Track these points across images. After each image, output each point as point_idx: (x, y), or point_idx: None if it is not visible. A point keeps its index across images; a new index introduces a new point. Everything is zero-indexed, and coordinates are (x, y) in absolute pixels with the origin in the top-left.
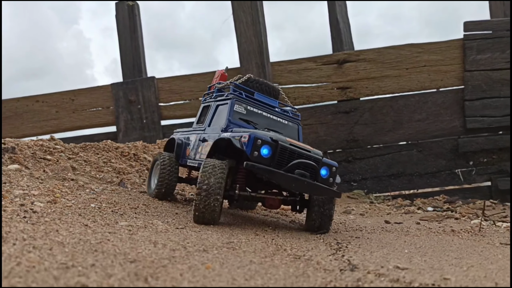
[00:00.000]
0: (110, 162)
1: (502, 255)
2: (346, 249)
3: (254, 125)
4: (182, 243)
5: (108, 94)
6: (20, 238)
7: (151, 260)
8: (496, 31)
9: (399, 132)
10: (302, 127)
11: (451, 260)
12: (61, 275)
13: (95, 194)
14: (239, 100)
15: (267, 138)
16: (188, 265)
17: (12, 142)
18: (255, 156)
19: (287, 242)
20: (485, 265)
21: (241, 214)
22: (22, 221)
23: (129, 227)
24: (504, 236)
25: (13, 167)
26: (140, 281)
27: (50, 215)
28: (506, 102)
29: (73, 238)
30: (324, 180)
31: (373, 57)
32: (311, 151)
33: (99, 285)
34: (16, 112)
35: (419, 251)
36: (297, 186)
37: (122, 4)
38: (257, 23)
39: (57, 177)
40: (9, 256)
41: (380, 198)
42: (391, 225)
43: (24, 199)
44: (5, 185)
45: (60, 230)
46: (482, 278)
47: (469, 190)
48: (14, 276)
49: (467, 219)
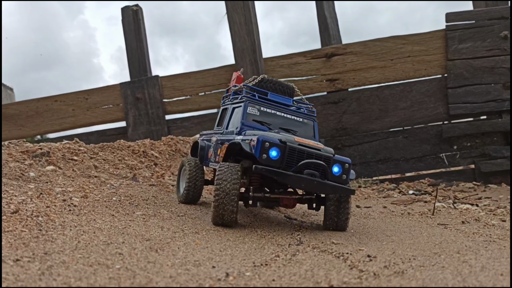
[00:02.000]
0: (124, 159)
1: (427, 233)
2: (303, 230)
3: (268, 126)
4: (181, 227)
5: (118, 93)
6: (73, 226)
7: (160, 239)
8: (478, 21)
9: (386, 120)
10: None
11: (382, 237)
12: (106, 248)
13: (115, 188)
14: (252, 102)
15: (276, 140)
16: (184, 242)
17: (46, 147)
18: (264, 159)
19: (260, 226)
20: (404, 240)
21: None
22: (69, 213)
23: (143, 216)
24: (452, 218)
25: (50, 168)
26: (152, 251)
27: (86, 208)
28: (488, 88)
29: (107, 225)
30: (336, 177)
31: (359, 50)
32: (321, 149)
33: (129, 254)
34: (37, 111)
35: (362, 231)
36: (307, 186)
37: (127, 10)
38: (249, 23)
39: (84, 175)
40: (71, 238)
41: (368, 182)
42: (359, 209)
43: (64, 195)
44: (46, 184)
45: (96, 219)
46: (389, 250)
47: (454, 173)
48: (78, 249)
49: (435, 202)
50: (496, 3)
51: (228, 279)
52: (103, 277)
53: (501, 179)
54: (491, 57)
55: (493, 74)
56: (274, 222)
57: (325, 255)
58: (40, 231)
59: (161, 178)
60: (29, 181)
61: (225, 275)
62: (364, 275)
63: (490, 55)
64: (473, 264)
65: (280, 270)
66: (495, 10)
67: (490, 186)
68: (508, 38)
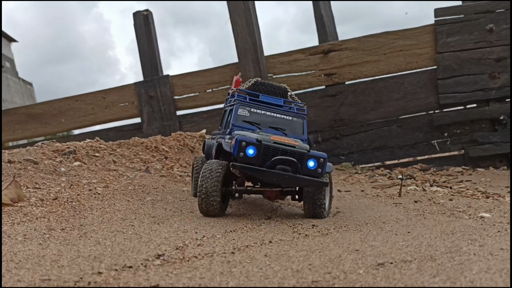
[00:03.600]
0: (138, 154)
1: (376, 210)
2: (278, 211)
3: (257, 126)
4: (180, 208)
5: (133, 92)
6: (98, 208)
7: (162, 216)
8: (465, 15)
9: (380, 111)
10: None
11: (337, 214)
12: (122, 222)
13: (130, 179)
14: (243, 104)
15: (252, 140)
16: (180, 218)
17: (72, 146)
18: (241, 157)
19: (246, 209)
20: (353, 215)
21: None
22: (95, 199)
23: (152, 200)
24: (413, 198)
25: (76, 164)
26: (155, 224)
27: (107, 195)
28: (475, 79)
29: (123, 207)
30: (312, 171)
31: (354, 46)
32: (296, 146)
33: (138, 225)
34: (60, 110)
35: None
36: (278, 180)
37: (139, 14)
38: (250, 24)
39: (104, 169)
40: (97, 216)
41: (365, 168)
42: (339, 193)
43: (89, 185)
44: (75, 177)
45: (116, 204)
46: (333, 222)
47: (444, 159)
48: (103, 223)
49: (401, 185)
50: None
51: (203, 239)
52: (120, 238)
53: (489, 163)
54: (478, 49)
55: (480, 65)
56: (260, 206)
57: (281, 225)
58: (75, 212)
59: (170, 170)
60: (61, 175)
61: (201, 237)
62: (298, 236)
63: (477, 47)
64: (387, 229)
65: (243, 234)
66: (481, 4)
67: (478, 170)
68: (494, 30)
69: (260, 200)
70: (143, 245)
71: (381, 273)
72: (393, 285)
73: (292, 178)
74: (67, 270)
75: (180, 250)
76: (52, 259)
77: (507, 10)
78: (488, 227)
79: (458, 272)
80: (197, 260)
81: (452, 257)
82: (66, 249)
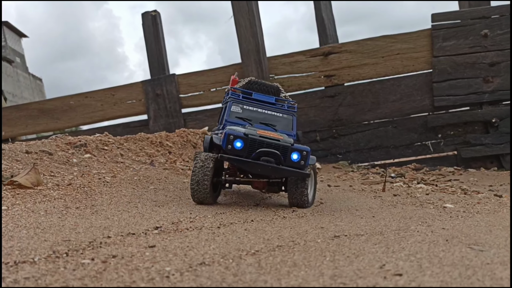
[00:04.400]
0: (144, 149)
1: (356, 201)
2: (267, 199)
3: (249, 122)
4: (179, 196)
5: (140, 90)
6: (107, 193)
7: (162, 201)
8: (461, 20)
9: (377, 112)
10: (297, 117)
11: (320, 203)
12: (127, 205)
13: (136, 171)
14: (236, 102)
15: (240, 133)
16: (178, 203)
17: (83, 139)
18: (230, 149)
19: (239, 198)
20: (332, 204)
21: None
22: (104, 186)
23: (155, 189)
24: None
25: (87, 156)
26: (156, 207)
27: (115, 183)
28: (469, 82)
29: (129, 193)
30: (296, 163)
31: (354, 49)
32: (280, 140)
33: (141, 207)
34: (71, 107)
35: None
36: (262, 171)
37: (147, 15)
38: (254, 26)
39: (112, 161)
40: (106, 199)
41: (361, 167)
42: (329, 187)
43: (99, 175)
44: (86, 167)
45: (122, 190)
46: (312, 209)
47: (438, 159)
48: (111, 204)
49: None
50: (479, 3)
51: (196, 218)
52: (125, 216)
53: (480, 164)
54: (473, 53)
55: (474, 69)
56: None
57: (266, 210)
58: (86, 195)
59: (173, 164)
60: (73, 165)
61: (194, 216)
62: (278, 217)
63: (471, 51)
64: (356, 215)
65: (230, 215)
66: (477, 10)
67: (469, 171)
68: (488, 36)
69: (253, 192)
70: (145, 220)
71: (334, 242)
72: (341, 249)
73: (275, 168)
74: (82, 235)
75: (175, 225)
76: (70, 227)
77: (502, 16)
78: (445, 214)
79: (396, 243)
80: (188, 231)
81: (398, 233)
82: (81, 222)
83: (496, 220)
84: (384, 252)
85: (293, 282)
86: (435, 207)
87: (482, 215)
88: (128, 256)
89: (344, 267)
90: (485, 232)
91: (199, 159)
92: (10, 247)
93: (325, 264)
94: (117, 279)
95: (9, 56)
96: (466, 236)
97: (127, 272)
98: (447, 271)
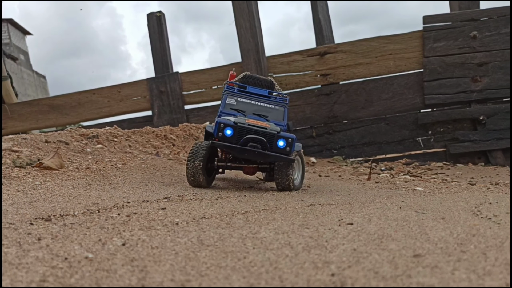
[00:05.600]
0: (150, 141)
1: (340, 187)
2: (260, 184)
3: (242, 112)
4: (183, 180)
5: (145, 87)
6: (120, 176)
7: (169, 182)
8: (451, 22)
9: (370, 109)
10: (288, 109)
11: (306, 188)
12: (139, 184)
13: (143, 160)
14: (231, 94)
15: (230, 122)
16: (183, 184)
17: (95, 131)
18: (221, 136)
19: (235, 181)
20: (317, 190)
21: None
22: (117, 171)
23: (161, 174)
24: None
25: (99, 146)
26: (164, 186)
27: (126, 169)
28: (458, 81)
29: (139, 176)
30: (282, 150)
31: (348, 49)
32: (267, 128)
33: (151, 185)
34: (79, 102)
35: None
36: (249, 155)
37: (152, 15)
38: (253, 27)
39: (122, 151)
40: (121, 179)
41: (355, 162)
42: (319, 177)
43: (111, 162)
44: (98, 156)
45: (133, 174)
46: (297, 192)
47: (428, 154)
48: (125, 184)
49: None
50: (468, 5)
51: (198, 193)
52: (139, 191)
53: (468, 160)
54: (462, 54)
55: (463, 69)
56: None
57: (258, 190)
58: (103, 177)
59: (177, 155)
60: (87, 154)
61: (197, 192)
62: (266, 193)
63: (460, 52)
64: (335, 194)
65: (228, 192)
66: (466, 13)
67: (457, 166)
68: (477, 37)
69: (250, 178)
70: (155, 193)
71: (309, 208)
72: (313, 212)
73: (261, 154)
74: (106, 201)
75: (180, 197)
76: (96, 196)
77: (490, 19)
78: (409, 193)
79: (358, 209)
80: (192, 201)
81: (363, 204)
82: (103, 193)
83: (451, 197)
84: (346, 213)
85: (270, 227)
86: (406, 189)
87: (442, 194)
88: (146, 213)
89: (312, 221)
90: (435, 204)
91: (194, 146)
92: (52, 207)
93: (298, 219)
94: (139, 225)
95: (13, 53)
96: (417, 206)
97: (146, 221)
98: (388, 223)
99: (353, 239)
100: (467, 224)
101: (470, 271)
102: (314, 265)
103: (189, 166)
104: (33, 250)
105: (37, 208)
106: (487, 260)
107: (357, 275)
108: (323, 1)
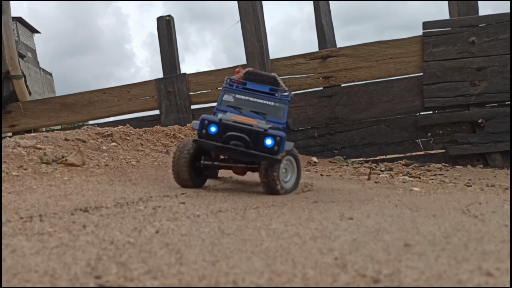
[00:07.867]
0: (160, 140)
1: (341, 185)
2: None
3: (239, 110)
4: None
5: (153, 87)
6: (138, 173)
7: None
8: (450, 28)
9: (371, 111)
10: (290, 107)
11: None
12: (156, 180)
13: (155, 158)
14: (229, 91)
15: (214, 119)
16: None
17: (110, 130)
18: (204, 134)
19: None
20: (320, 187)
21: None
22: (132, 168)
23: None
24: (377, 181)
25: (113, 144)
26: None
27: (140, 166)
28: (457, 85)
29: (154, 173)
30: (269, 149)
31: (350, 53)
32: (253, 125)
33: (167, 181)
34: (90, 101)
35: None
36: (231, 154)
37: (162, 19)
38: (258, 31)
39: (134, 149)
40: (135, 173)
41: (355, 162)
42: (321, 176)
43: (126, 160)
44: (113, 154)
45: (148, 172)
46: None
47: (427, 156)
48: (141, 177)
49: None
50: (467, 11)
51: (210, 189)
52: (157, 187)
53: (467, 162)
54: (460, 59)
55: (461, 74)
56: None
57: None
58: (122, 174)
59: None
60: (103, 152)
61: (210, 189)
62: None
63: (459, 57)
64: (336, 193)
65: (238, 190)
66: (465, 19)
67: (456, 167)
68: (476, 43)
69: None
70: (172, 189)
71: (313, 205)
72: (317, 208)
73: (243, 152)
74: (131, 195)
75: (196, 192)
76: (121, 191)
77: (489, 25)
78: (406, 193)
79: (358, 206)
80: (206, 196)
81: (362, 201)
82: (127, 188)
83: (444, 197)
84: (347, 209)
85: (280, 220)
86: (404, 189)
87: (437, 194)
88: (169, 207)
89: (316, 215)
90: (429, 203)
91: (180, 144)
92: (86, 200)
93: (304, 214)
94: (165, 217)
95: (21, 51)
96: (412, 204)
97: (171, 213)
98: (385, 219)
99: (353, 231)
100: (455, 220)
101: (451, 258)
102: (320, 251)
103: (174, 167)
104: (81, 235)
105: (73, 200)
106: (467, 250)
107: (356, 259)
108: (325, 4)
